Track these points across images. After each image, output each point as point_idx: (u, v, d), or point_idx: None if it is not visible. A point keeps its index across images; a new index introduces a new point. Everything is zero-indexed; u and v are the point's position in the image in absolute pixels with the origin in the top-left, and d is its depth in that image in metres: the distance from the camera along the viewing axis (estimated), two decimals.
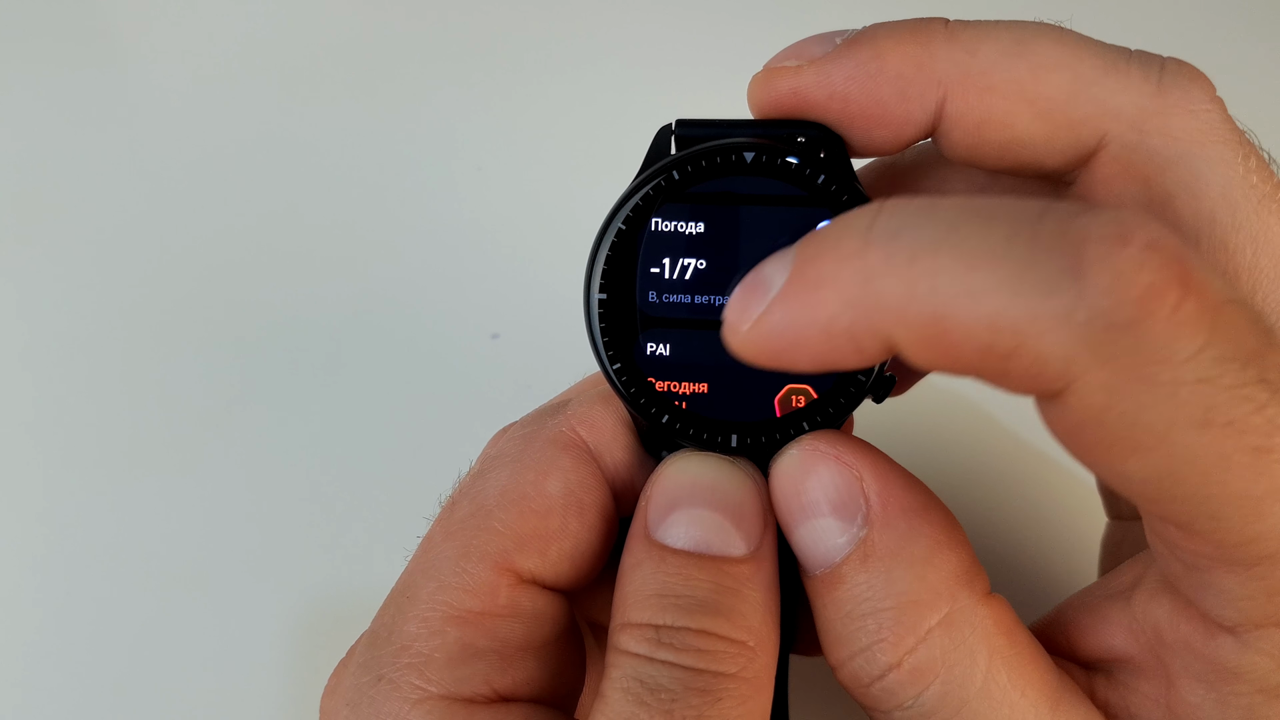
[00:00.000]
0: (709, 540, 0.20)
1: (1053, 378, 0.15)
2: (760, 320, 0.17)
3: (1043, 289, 0.14)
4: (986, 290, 0.15)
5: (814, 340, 0.17)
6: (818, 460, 0.21)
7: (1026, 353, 0.15)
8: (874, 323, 0.16)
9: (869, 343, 0.16)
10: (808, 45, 0.21)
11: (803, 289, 0.17)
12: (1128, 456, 0.15)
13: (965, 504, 0.38)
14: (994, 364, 0.15)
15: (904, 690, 0.19)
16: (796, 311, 0.17)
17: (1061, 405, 0.15)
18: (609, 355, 0.22)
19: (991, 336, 0.15)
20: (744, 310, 0.17)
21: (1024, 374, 0.15)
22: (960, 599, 0.19)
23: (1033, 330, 0.14)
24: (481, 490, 0.22)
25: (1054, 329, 0.14)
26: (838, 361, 0.17)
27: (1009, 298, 0.14)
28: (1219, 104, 0.20)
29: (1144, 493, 0.16)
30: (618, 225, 0.22)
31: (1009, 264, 0.15)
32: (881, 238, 0.16)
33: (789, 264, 0.17)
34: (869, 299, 0.16)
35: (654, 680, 0.19)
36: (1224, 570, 0.17)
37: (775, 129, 0.22)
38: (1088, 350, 0.14)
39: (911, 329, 0.16)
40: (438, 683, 0.20)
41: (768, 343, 0.17)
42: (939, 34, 0.21)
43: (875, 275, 0.16)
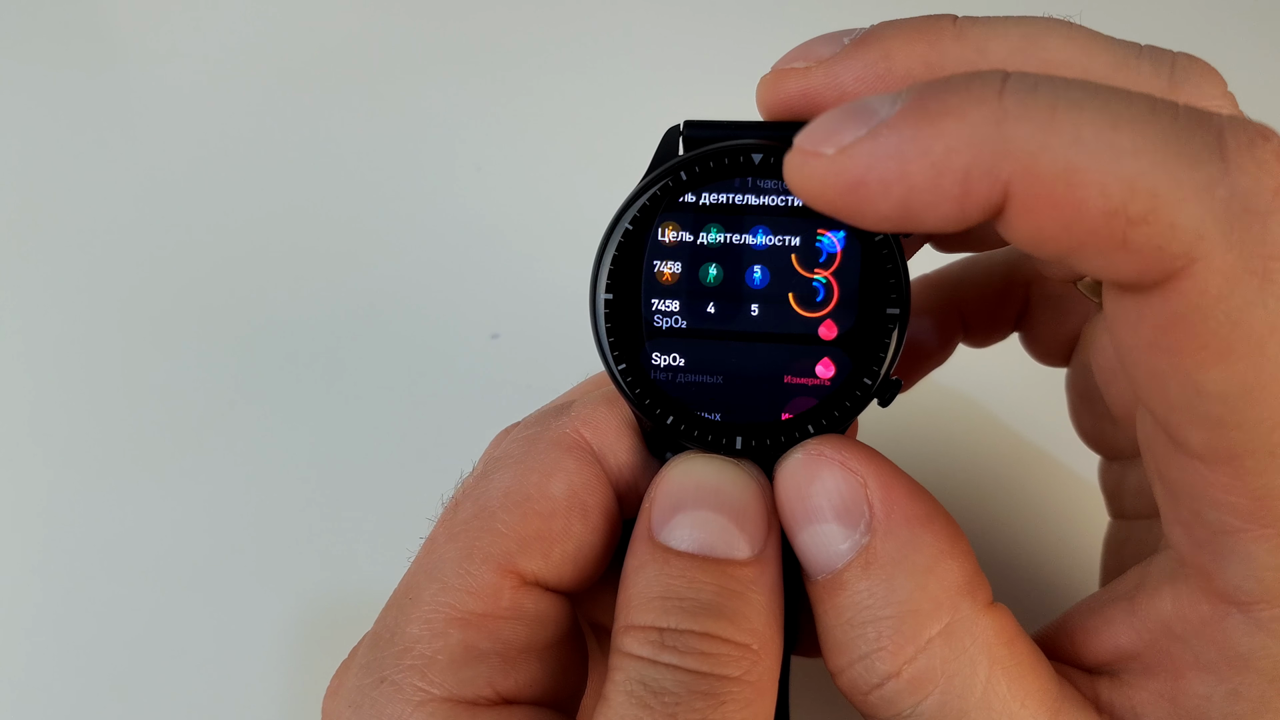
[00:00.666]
0: (713, 543, 0.20)
1: (1176, 253, 0.14)
2: (858, 144, 0.16)
3: (1188, 159, 0.14)
4: (1131, 150, 0.14)
5: (918, 175, 0.15)
6: (822, 465, 0.21)
7: (1160, 219, 0.14)
8: (997, 166, 0.15)
9: (981, 189, 0.15)
10: (815, 46, 0.21)
11: (924, 118, 0.15)
12: (1215, 361, 0.15)
13: (967, 506, 0.38)
14: (1116, 230, 0.15)
15: (902, 699, 0.19)
16: (911, 140, 0.15)
17: (1164, 292, 0.15)
18: (614, 356, 0.22)
19: (1128, 197, 0.14)
20: (831, 134, 0.16)
21: (1146, 245, 0.15)
22: (961, 609, 0.19)
23: (1173, 196, 0.14)
24: (485, 491, 0.22)
25: (1194, 198, 0.14)
26: (931, 208, 0.16)
27: (1154, 160, 0.14)
28: (1230, 99, 0.20)
29: (1209, 412, 0.15)
30: (624, 226, 0.22)
31: (1155, 130, 0.14)
32: (1019, 87, 0.15)
33: (901, 96, 0.16)
34: (999, 140, 0.15)
35: (657, 683, 0.19)
36: (1255, 532, 0.16)
37: (784, 130, 0.22)
38: (1221, 229, 0.14)
39: (1039, 180, 0.15)
40: (440, 684, 0.20)
41: (858, 172, 0.16)
42: (947, 32, 0.21)
43: (1010, 117, 0.15)
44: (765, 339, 0.22)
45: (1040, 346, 0.30)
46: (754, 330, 0.22)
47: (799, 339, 0.22)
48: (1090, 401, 0.28)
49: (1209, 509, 0.17)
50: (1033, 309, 0.29)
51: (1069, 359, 0.29)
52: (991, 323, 0.30)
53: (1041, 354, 0.30)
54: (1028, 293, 0.29)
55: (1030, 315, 0.29)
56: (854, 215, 0.16)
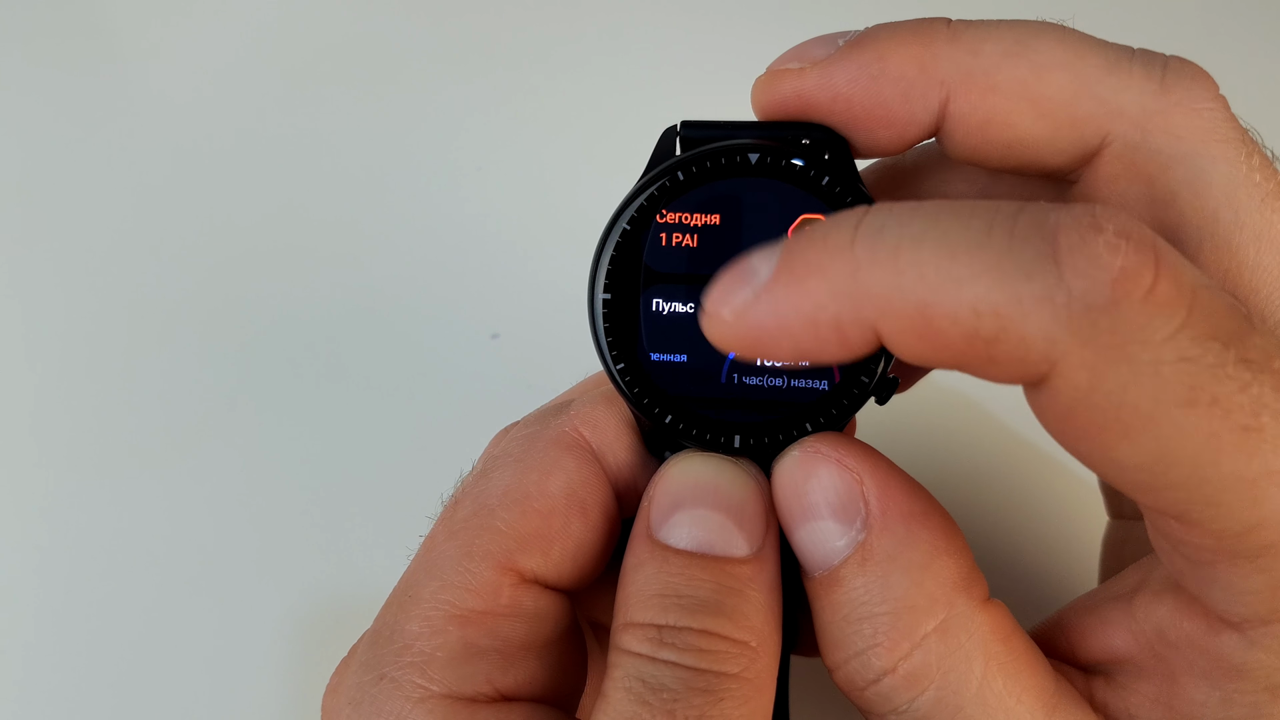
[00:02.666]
0: (711, 540, 0.20)
1: (1037, 360, 0.15)
2: (745, 309, 0.17)
3: (1022, 274, 0.15)
4: (969, 277, 0.15)
5: (799, 330, 0.17)
6: (819, 463, 0.21)
7: (1010, 336, 0.15)
8: (861, 313, 0.16)
9: (855, 333, 0.17)
10: (810, 47, 0.21)
11: (791, 279, 0.17)
12: (1117, 441, 0.16)
13: (965, 504, 0.38)
14: (979, 350, 0.16)
15: (898, 695, 0.20)
16: (783, 301, 0.17)
17: (1048, 390, 0.16)
18: (613, 355, 0.22)
19: (975, 321, 0.15)
20: (726, 298, 0.18)
21: (1009, 358, 0.16)
22: (957, 605, 0.19)
23: (1015, 313, 0.15)
24: (484, 490, 0.22)
25: (1035, 310, 0.15)
26: (821, 353, 0.17)
27: (991, 283, 0.15)
28: (1222, 102, 0.20)
29: (1138, 481, 0.16)
30: (622, 225, 0.22)
31: (989, 252, 0.15)
32: (868, 233, 0.16)
33: (775, 256, 0.17)
34: (856, 290, 0.16)
35: (656, 680, 0.19)
36: (1227, 564, 0.17)
37: (779, 131, 0.22)
38: (1068, 331, 0.15)
39: (898, 318, 0.16)
40: (440, 682, 0.20)
41: (750, 332, 0.17)
42: (941, 34, 0.21)
43: (862, 267, 0.16)
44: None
45: None
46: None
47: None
48: None
49: (1180, 546, 0.18)
50: None
51: None
52: None
53: None
54: None
55: None
56: (765, 358, 0.18)
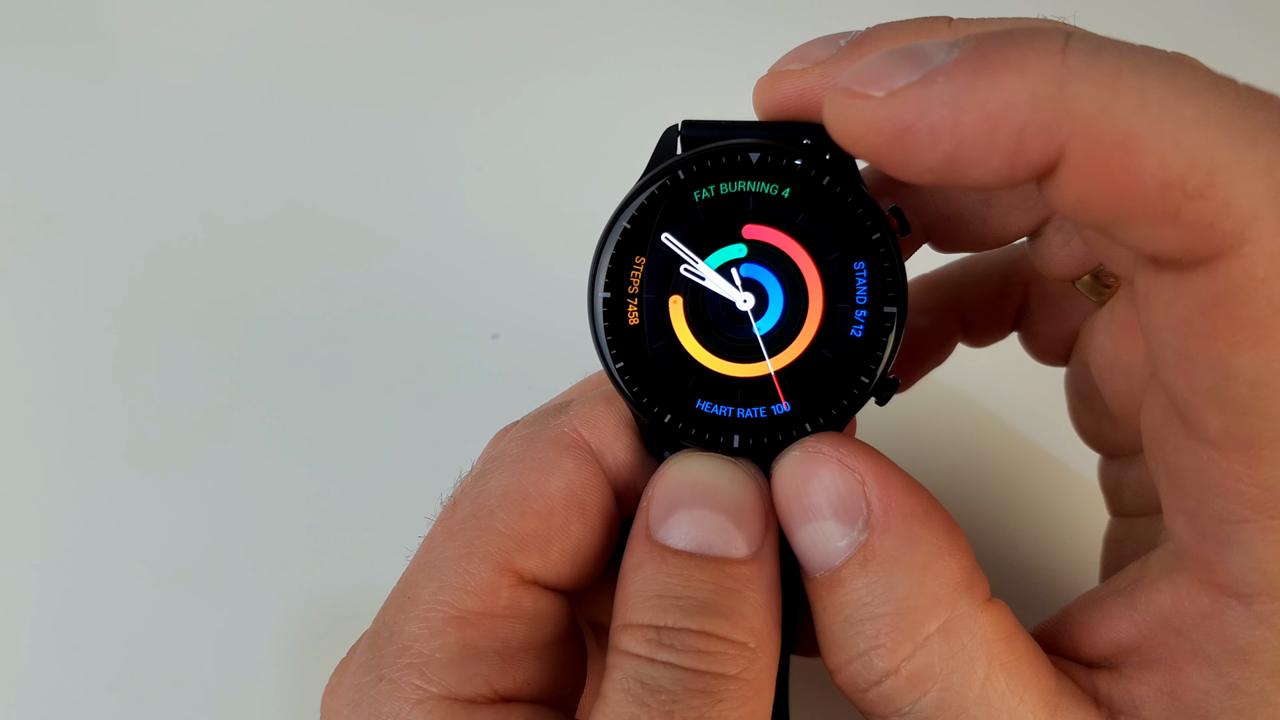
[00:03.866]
0: (710, 541, 0.20)
1: (1227, 232, 0.14)
2: (908, 90, 0.15)
3: (1249, 137, 0.14)
4: (1195, 122, 0.14)
5: (971, 129, 0.15)
6: (820, 462, 0.21)
7: (1216, 195, 0.14)
8: (1056, 125, 0.14)
9: (1036, 148, 0.15)
10: (812, 48, 0.21)
11: (982, 66, 0.15)
12: (1249, 346, 0.15)
13: (966, 504, 0.38)
14: (1171, 202, 0.14)
15: (901, 696, 0.19)
16: (967, 90, 0.15)
17: (1209, 272, 0.15)
18: (612, 355, 0.22)
19: (1186, 169, 0.14)
20: (881, 76, 0.15)
21: (1197, 220, 0.14)
22: (960, 605, 0.19)
23: (1232, 173, 0.14)
24: (483, 490, 0.22)
25: (1252, 178, 0.14)
26: (973, 166, 0.15)
27: (1217, 134, 0.14)
28: None
29: (1237, 397, 0.15)
30: (623, 224, 0.22)
31: (1219, 105, 0.14)
32: (1084, 46, 0.15)
33: (959, 43, 0.15)
34: (1060, 98, 0.14)
35: (655, 681, 0.19)
36: (1263, 522, 0.16)
37: (781, 131, 0.22)
38: (1276, 211, 0.14)
39: (1098, 144, 0.14)
40: (439, 683, 0.20)
41: (905, 119, 0.15)
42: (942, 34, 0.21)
43: (1074, 77, 0.14)
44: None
45: (1039, 346, 0.30)
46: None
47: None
48: (1089, 400, 0.28)
49: (1217, 498, 0.17)
50: (1031, 308, 0.29)
51: (1068, 358, 0.29)
52: (990, 322, 0.30)
53: (1040, 353, 0.30)
54: (1026, 292, 0.29)
55: (1029, 315, 0.30)
56: (897, 164, 0.16)
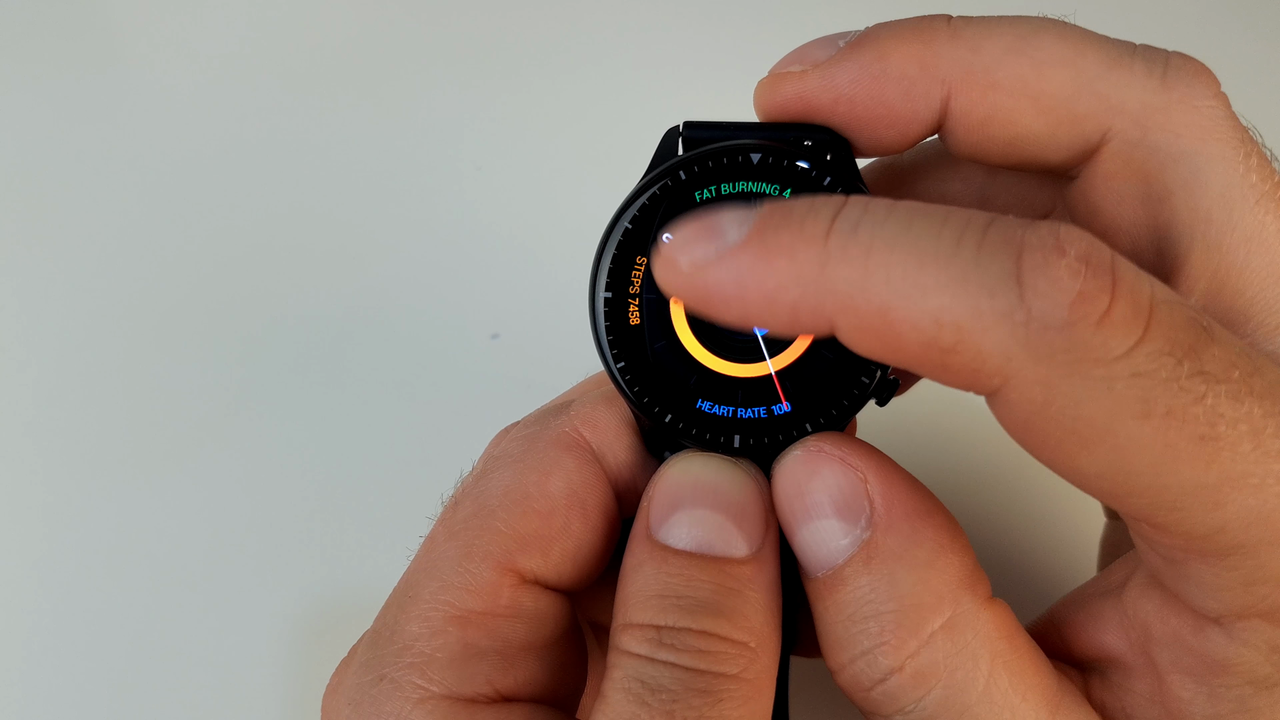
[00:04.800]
0: (711, 541, 0.20)
1: (991, 373, 0.16)
2: (705, 266, 0.17)
3: (985, 290, 0.15)
4: (934, 287, 0.16)
5: (754, 301, 0.17)
6: (822, 461, 0.21)
7: (967, 348, 0.16)
8: (821, 304, 0.17)
9: (809, 320, 0.17)
10: (812, 49, 0.21)
11: (760, 254, 0.17)
12: (1076, 452, 0.16)
13: (965, 504, 0.38)
14: (935, 357, 0.16)
15: (905, 694, 0.19)
16: (747, 272, 0.17)
17: (1004, 401, 0.16)
18: (613, 355, 0.22)
19: (935, 331, 0.16)
20: (687, 250, 0.18)
21: (963, 368, 0.16)
22: (963, 603, 0.19)
23: (974, 327, 0.15)
24: (484, 490, 0.22)
25: (994, 327, 0.15)
26: (767, 325, 0.18)
27: (954, 296, 0.16)
28: (1223, 100, 0.20)
29: (1101, 488, 0.17)
30: (624, 225, 0.22)
31: (956, 265, 0.16)
32: (843, 228, 0.17)
33: (748, 223, 0.17)
34: (822, 282, 0.17)
35: (655, 681, 0.19)
36: (1198, 562, 0.17)
37: (782, 132, 0.22)
38: (1024, 348, 0.15)
39: (858, 316, 0.16)
40: (440, 682, 0.20)
41: (705, 288, 0.18)
42: (942, 32, 0.21)
43: (832, 261, 0.16)
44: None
45: None
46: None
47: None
48: None
49: (1153, 545, 0.18)
50: None
51: None
52: None
53: None
54: None
55: None
56: (707, 316, 0.18)
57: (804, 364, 0.22)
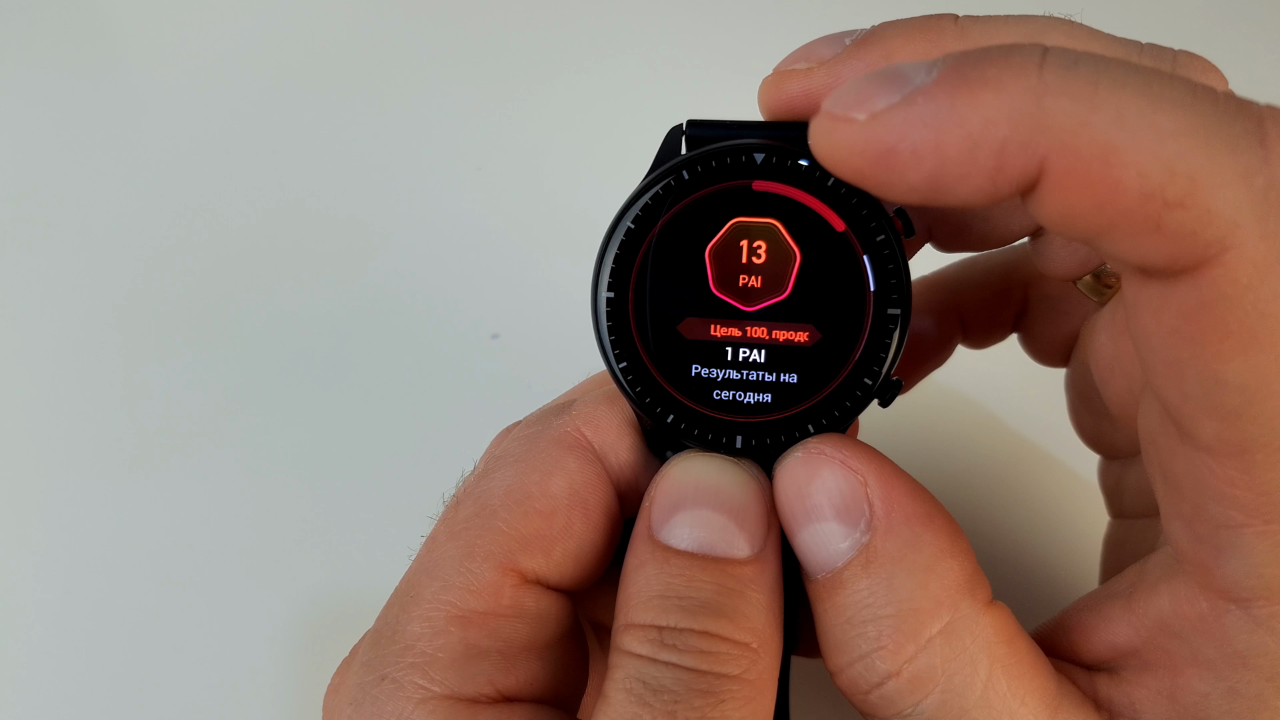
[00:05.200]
0: (712, 541, 0.20)
1: (1210, 240, 0.14)
2: (889, 111, 0.15)
3: (1228, 145, 0.14)
4: (1173, 132, 0.14)
5: (953, 147, 0.15)
6: (822, 463, 0.21)
7: (1197, 203, 0.14)
8: (1035, 141, 0.15)
9: (1017, 164, 0.15)
10: (817, 47, 0.21)
11: (961, 85, 0.15)
12: (1237, 352, 0.15)
13: (967, 505, 0.38)
14: (1152, 212, 0.14)
15: (903, 698, 0.19)
16: (947, 110, 0.15)
17: (1194, 279, 0.15)
18: (615, 355, 0.22)
19: (1165, 179, 0.14)
20: (863, 99, 0.16)
21: (1179, 229, 0.14)
22: (962, 607, 0.19)
23: (1211, 181, 0.14)
24: (486, 490, 0.22)
25: (1232, 185, 0.14)
26: (956, 184, 0.15)
27: (1194, 144, 0.14)
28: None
29: (1226, 403, 0.15)
30: (626, 224, 0.22)
31: (1197, 114, 0.14)
32: (1060, 61, 0.15)
33: (938, 63, 0.15)
34: (1038, 113, 0.15)
35: (657, 681, 0.19)
36: (1259, 527, 0.16)
37: (786, 131, 0.22)
38: (1257, 217, 0.14)
39: (1077, 158, 0.15)
40: (441, 682, 0.20)
41: (888, 141, 0.15)
42: (949, 31, 0.21)
43: (1050, 91, 0.15)
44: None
45: (1039, 347, 0.30)
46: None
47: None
48: (1089, 401, 0.28)
49: (1212, 503, 0.17)
50: (1031, 310, 0.29)
51: (1068, 359, 0.29)
52: (990, 324, 0.30)
53: (1040, 354, 0.30)
54: (1026, 293, 0.29)
55: (1029, 316, 0.30)
56: (882, 185, 0.16)
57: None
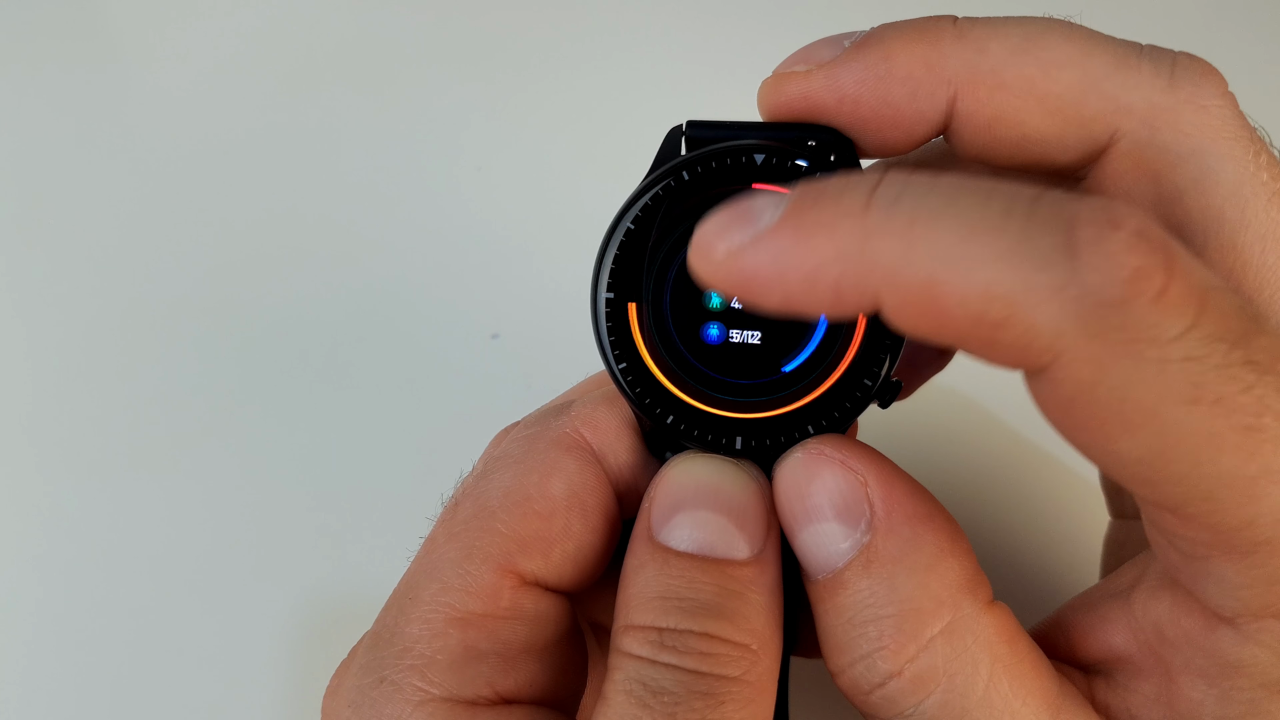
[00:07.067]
0: (712, 543, 0.20)
1: (1041, 350, 0.15)
2: (741, 250, 0.17)
3: (1037, 263, 0.15)
4: (984, 260, 0.15)
5: (794, 283, 0.17)
6: (822, 464, 0.21)
7: (1018, 323, 0.15)
8: (864, 279, 0.16)
9: (852, 297, 0.16)
10: (817, 49, 0.21)
11: (798, 231, 0.16)
12: (1119, 435, 0.16)
13: (967, 506, 0.38)
14: (984, 333, 0.16)
15: (905, 698, 0.19)
16: (786, 251, 0.17)
17: (1050, 380, 0.16)
18: (615, 355, 0.22)
19: (985, 305, 0.15)
20: (723, 236, 0.17)
21: (1013, 344, 0.15)
22: (963, 607, 0.19)
23: (1026, 301, 0.15)
24: (484, 491, 0.22)
25: (1046, 301, 0.15)
26: (808, 308, 0.17)
27: (1004, 269, 0.15)
28: (1230, 99, 0.20)
29: (1137, 474, 0.16)
30: (626, 225, 0.22)
31: (1006, 237, 0.15)
32: (883, 200, 0.16)
33: (782, 204, 0.17)
34: (864, 256, 0.16)
35: (657, 683, 0.19)
36: (1222, 558, 0.17)
37: (786, 132, 0.22)
38: (1077, 324, 0.15)
39: (903, 291, 0.16)
40: (440, 684, 0.20)
41: (742, 274, 0.17)
42: (948, 32, 0.21)
43: (874, 234, 0.16)
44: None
45: None
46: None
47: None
48: None
49: (1175, 540, 0.18)
50: None
51: None
52: None
53: None
54: None
55: None
56: (747, 303, 0.18)
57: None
